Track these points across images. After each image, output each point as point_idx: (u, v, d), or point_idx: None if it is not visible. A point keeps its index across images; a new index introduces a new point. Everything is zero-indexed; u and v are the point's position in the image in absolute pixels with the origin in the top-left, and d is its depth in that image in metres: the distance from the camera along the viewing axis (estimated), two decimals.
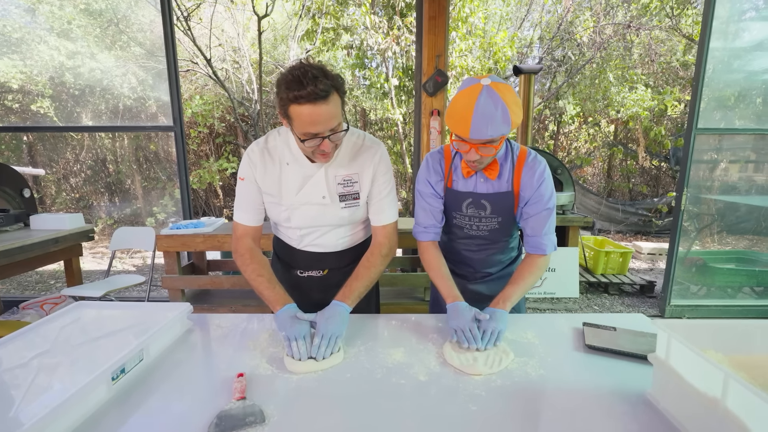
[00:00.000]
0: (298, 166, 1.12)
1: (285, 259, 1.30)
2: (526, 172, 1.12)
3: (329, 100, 0.92)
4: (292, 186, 1.12)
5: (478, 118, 0.96)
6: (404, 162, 6.79)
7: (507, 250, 1.31)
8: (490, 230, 1.22)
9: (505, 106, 0.97)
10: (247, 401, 0.77)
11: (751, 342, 0.78)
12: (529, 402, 0.79)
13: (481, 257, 1.30)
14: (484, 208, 1.18)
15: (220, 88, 6.05)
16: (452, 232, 1.30)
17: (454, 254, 1.32)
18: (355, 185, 1.15)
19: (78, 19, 4.58)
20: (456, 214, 1.23)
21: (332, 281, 1.26)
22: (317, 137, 0.97)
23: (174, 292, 2.43)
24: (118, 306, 1.22)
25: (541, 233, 1.14)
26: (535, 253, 1.16)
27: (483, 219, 1.19)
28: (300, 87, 0.89)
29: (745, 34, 3.04)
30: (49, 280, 4.33)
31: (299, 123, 0.94)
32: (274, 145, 1.13)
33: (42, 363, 0.87)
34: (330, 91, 0.92)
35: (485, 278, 1.33)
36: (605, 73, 6.52)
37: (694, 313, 3.10)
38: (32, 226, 2.61)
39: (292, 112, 0.93)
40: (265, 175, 1.13)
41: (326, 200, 1.13)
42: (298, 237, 1.22)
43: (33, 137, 5.82)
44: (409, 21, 5.36)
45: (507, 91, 0.98)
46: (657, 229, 6.14)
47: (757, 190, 3.31)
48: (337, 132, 0.99)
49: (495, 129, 0.97)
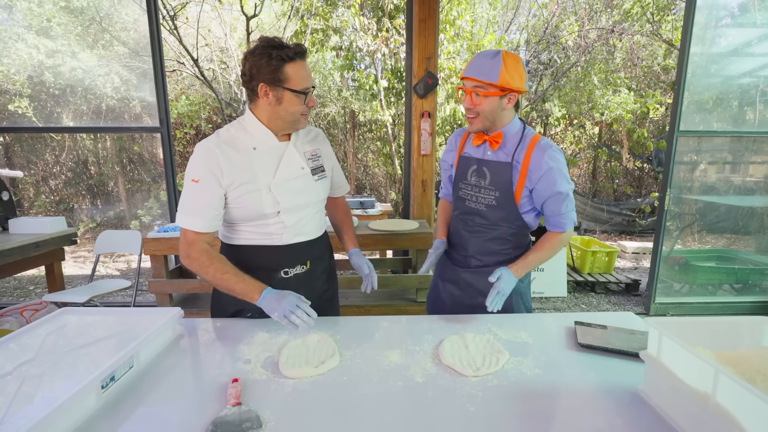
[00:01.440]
0: (268, 148, 1.13)
1: (265, 263, 1.19)
2: (537, 153, 1.17)
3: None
4: (268, 166, 1.11)
5: (475, 60, 1.14)
6: (393, 164, 6.79)
7: (504, 242, 1.28)
8: (488, 205, 1.26)
9: (501, 59, 1.10)
10: (242, 407, 0.76)
11: (738, 338, 0.81)
12: (526, 401, 0.80)
13: (476, 240, 1.30)
14: (484, 176, 1.25)
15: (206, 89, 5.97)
16: (457, 207, 1.37)
17: (456, 234, 1.38)
18: (320, 159, 1.25)
19: (58, 17, 4.45)
20: (462, 184, 1.32)
21: (315, 274, 1.28)
22: (311, 90, 1.08)
23: (161, 297, 2.38)
24: (105, 312, 1.18)
25: (559, 212, 1.21)
26: (555, 230, 1.24)
27: (483, 189, 1.26)
28: (287, 47, 1.02)
29: (721, 40, 3.15)
30: (29, 285, 4.19)
31: (298, 79, 1.04)
32: (230, 136, 1.10)
33: (27, 372, 0.84)
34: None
35: (478, 268, 1.31)
36: (590, 76, 6.66)
37: (677, 311, 3.19)
38: (11, 230, 2.52)
39: (289, 71, 1.03)
40: (232, 168, 1.07)
41: (305, 171, 1.18)
42: (287, 228, 1.16)
43: (10, 138, 5.62)
44: (398, 23, 5.38)
45: (511, 56, 1.12)
46: (641, 229, 6.29)
47: (734, 190, 3.43)
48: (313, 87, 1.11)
49: (484, 71, 1.11)
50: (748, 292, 3.32)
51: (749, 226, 3.48)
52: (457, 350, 0.97)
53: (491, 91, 1.13)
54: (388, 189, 8.09)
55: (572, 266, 4.16)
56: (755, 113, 3.24)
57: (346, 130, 7.88)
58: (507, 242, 1.29)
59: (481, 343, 1.01)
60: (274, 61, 1.00)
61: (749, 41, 3.17)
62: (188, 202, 1.08)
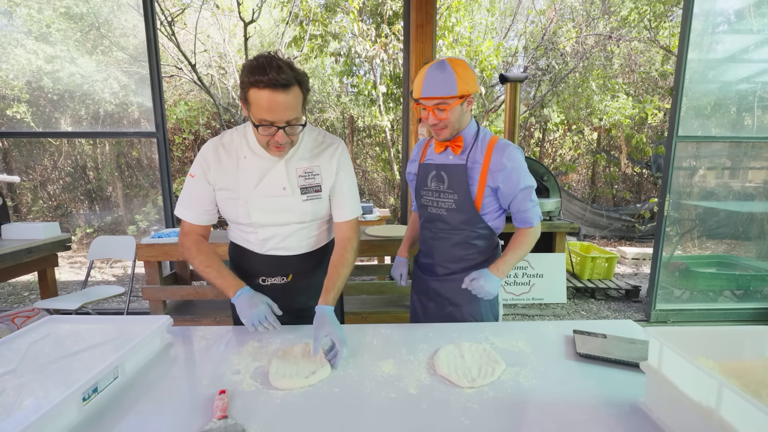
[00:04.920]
0: (257, 159, 1.10)
1: (244, 267, 1.22)
2: (496, 153, 1.19)
3: (289, 91, 0.93)
4: (251, 178, 1.10)
5: (428, 79, 1.12)
6: (392, 169, 6.79)
7: (468, 246, 1.28)
8: (448, 209, 1.26)
9: (452, 70, 1.10)
10: (228, 420, 0.73)
11: (741, 348, 0.78)
12: (522, 414, 0.77)
13: (440, 246, 1.31)
14: (442, 180, 1.26)
15: (205, 94, 5.97)
16: (422, 215, 1.38)
17: (423, 242, 1.39)
18: (316, 177, 1.14)
19: (57, 23, 4.47)
20: (423, 192, 1.32)
21: (297, 287, 1.23)
22: (272, 126, 0.96)
23: (155, 304, 2.34)
24: (93, 320, 1.16)
25: (525, 209, 1.23)
26: (523, 226, 1.26)
27: (442, 194, 1.26)
28: (262, 73, 0.90)
29: (718, 47, 3.16)
30: (23, 291, 4.15)
31: (256, 108, 0.94)
32: (230, 140, 1.12)
33: (7, 382, 0.81)
34: (292, 82, 0.93)
35: (446, 276, 1.31)
36: (588, 82, 6.69)
37: (678, 317, 3.15)
38: (4, 235, 2.50)
39: (250, 96, 0.94)
40: (220, 170, 1.10)
41: (287, 191, 1.11)
42: (260, 240, 1.16)
43: (8, 143, 5.62)
44: (397, 29, 5.41)
45: (458, 63, 1.12)
46: (640, 235, 6.27)
47: (734, 195, 3.42)
48: (293, 125, 0.99)
49: (441, 88, 1.11)
50: (749, 299, 3.29)
51: (749, 231, 3.46)
52: (452, 360, 0.95)
53: (453, 103, 1.14)
54: (387, 194, 8.08)
55: (572, 272, 4.13)
56: (753, 119, 3.23)
57: (344, 135, 7.88)
58: (471, 247, 1.28)
59: (477, 353, 0.98)
60: (245, 78, 0.94)
61: (746, 47, 3.17)
62: (184, 195, 1.14)
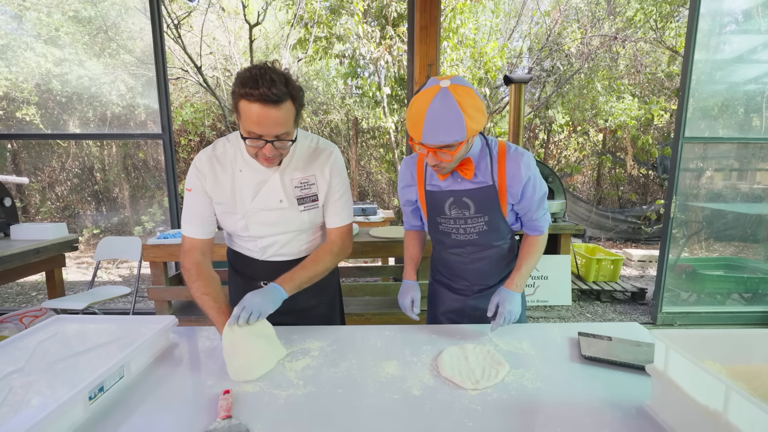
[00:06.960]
0: (252, 172, 1.08)
1: (244, 272, 1.24)
2: (511, 165, 1.08)
3: (281, 107, 0.91)
4: (247, 192, 1.09)
5: (430, 122, 0.92)
6: (396, 170, 6.80)
7: (502, 259, 1.25)
8: (479, 233, 1.17)
9: (460, 111, 0.91)
10: (233, 420, 0.74)
11: (749, 351, 0.77)
12: (526, 416, 0.77)
13: (475, 268, 1.24)
14: (467, 207, 1.14)
15: (210, 96, 6.02)
16: (441, 242, 1.25)
17: (448, 268, 1.29)
18: (312, 187, 1.13)
19: (66, 26, 4.53)
20: (441, 219, 1.19)
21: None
22: (260, 139, 0.94)
23: (161, 304, 2.36)
24: (99, 320, 1.17)
25: (537, 217, 1.17)
26: (533, 234, 1.21)
27: (469, 220, 1.16)
28: (254, 86, 0.87)
29: (726, 47, 3.13)
30: (31, 291, 4.19)
31: (245, 120, 0.92)
32: (224, 152, 1.09)
33: (15, 381, 0.82)
34: (284, 98, 0.90)
35: (483, 291, 1.27)
36: (593, 83, 6.65)
37: (685, 320, 3.12)
38: (12, 236, 2.53)
39: (241, 107, 0.92)
40: (216, 184, 1.08)
41: (284, 204, 1.10)
42: (259, 249, 1.17)
43: (18, 145, 5.69)
44: (401, 31, 5.42)
45: (465, 95, 0.92)
46: (646, 237, 6.21)
47: (741, 197, 3.38)
48: (282, 140, 0.96)
49: (447, 135, 0.92)
50: (757, 302, 3.24)
51: (758, 234, 3.41)
52: (456, 362, 0.94)
53: (459, 145, 0.97)
54: (391, 196, 8.08)
55: (577, 274, 4.10)
56: (762, 119, 3.20)
57: (349, 137, 7.90)
58: (504, 258, 1.26)
59: (481, 355, 0.98)
60: (236, 89, 0.91)
61: (754, 48, 3.14)
62: (187, 211, 1.12)
